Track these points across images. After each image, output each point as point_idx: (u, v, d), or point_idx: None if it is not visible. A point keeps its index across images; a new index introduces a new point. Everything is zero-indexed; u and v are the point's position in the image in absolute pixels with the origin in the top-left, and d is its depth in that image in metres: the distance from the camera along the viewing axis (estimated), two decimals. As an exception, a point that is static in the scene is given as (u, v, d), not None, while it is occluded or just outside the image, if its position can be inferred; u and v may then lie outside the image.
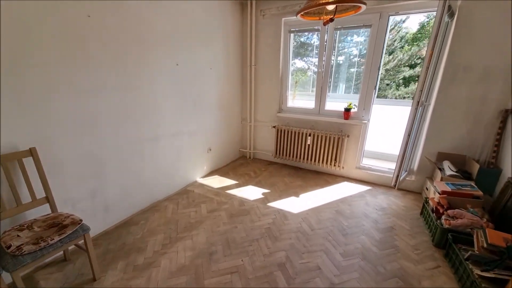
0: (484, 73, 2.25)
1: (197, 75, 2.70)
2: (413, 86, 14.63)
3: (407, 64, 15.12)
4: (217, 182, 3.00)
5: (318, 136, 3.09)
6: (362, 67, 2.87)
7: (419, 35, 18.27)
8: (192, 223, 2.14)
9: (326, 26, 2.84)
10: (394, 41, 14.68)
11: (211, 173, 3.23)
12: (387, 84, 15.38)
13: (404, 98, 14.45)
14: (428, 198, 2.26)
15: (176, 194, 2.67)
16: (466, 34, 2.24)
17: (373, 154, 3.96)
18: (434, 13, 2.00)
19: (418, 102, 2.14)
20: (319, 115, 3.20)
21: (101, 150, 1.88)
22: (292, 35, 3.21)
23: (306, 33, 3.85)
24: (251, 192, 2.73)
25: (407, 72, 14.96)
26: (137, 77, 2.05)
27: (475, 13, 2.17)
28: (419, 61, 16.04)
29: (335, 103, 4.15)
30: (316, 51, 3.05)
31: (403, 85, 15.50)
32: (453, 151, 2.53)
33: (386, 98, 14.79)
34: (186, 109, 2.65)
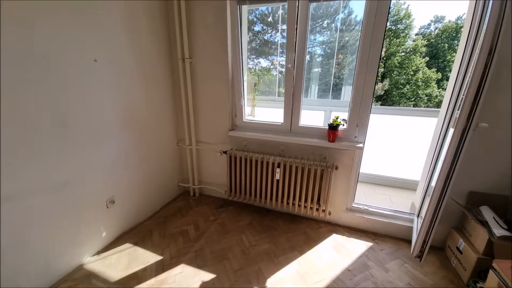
0: (544, 71, 1.41)
1: (55, 72, 1.38)
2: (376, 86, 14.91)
3: (368, 64, 15.37)
4: (124, 261, 1.71)
5: (291, 167, 2.01)
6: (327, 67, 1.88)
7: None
8: None
9: (297, -5, 1.77)
10: (357, 40, 14.77)
11: (119, 240, 1.92)
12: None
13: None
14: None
15: (21, 314, 1.32)
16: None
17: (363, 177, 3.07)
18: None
19: (470, 123, 1.18)
20: (291, 134, 2.13)
21: None
22: (244, 9, 2.07)
23: (266, 13, 2.77)
24: (181, 284, 1.52)
25: (368, 72, 15.19)
26: None
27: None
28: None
29: (308, 112, 3.16)
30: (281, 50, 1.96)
31: (365, 85, 15.73)
32: (491, 190, 1.67)
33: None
34: (35, 140, 1.32)
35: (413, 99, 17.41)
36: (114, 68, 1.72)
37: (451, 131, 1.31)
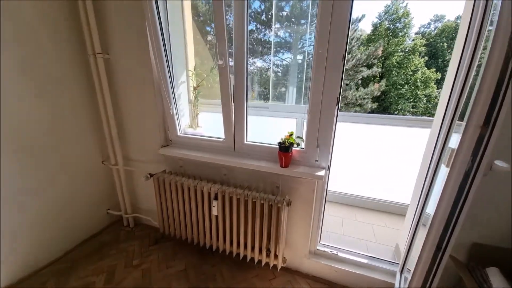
0: None
1: None
2: (371, 87, 14.42)
3: (364, 64, 14.89)
4: None
5: (231, 199, 1.49)
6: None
7: (373, 36, 18.52)
8: None
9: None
10: (352, 39, 14.31)
11: (-11, 303, 1.40)
12: (347, 84, 14.95)
13: (364, 99, 14.10)
14: None
15: None
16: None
17: (343, 198, 2.56)
18: None
19: (478, 164, 0.66)
20: (235, 154, 1.61)
21: None
22: (169, -11, 1.55)
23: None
24: None
25: (365, 72, 14.73)
26: None
27: None
28: (375, 61, 16.02)
29: (282, 120, 2.63)
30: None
31: (362, 86, 15.26)
32: (501, 242, 1.16)
33: (346, 98, 14.23)
34: None
35: (411, 100, 16.89)
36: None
37: (443, 170, 0.79)
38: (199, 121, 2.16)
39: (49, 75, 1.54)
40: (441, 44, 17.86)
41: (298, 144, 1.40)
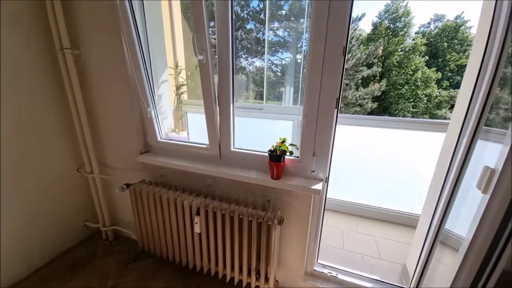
0: None
1: None
2: (372, 87, 14.23)
3: (364, 64, 14.69)
4: None
5: (215, 214, 1.30)
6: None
7: (373, 35, 18.33)
8: None
9: None
10: (352, 38, 14.12)
11: None
12: (346, 84, 14.75)
13: (364, 99, 13.89)
14: None
15: None
16: None
17: (343, 207, 2.38)
18: None
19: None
20: (221, 163, 1.42)
21: None
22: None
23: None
24: None
25: (365, 72, 14.53)
26: None
27: None
28: (375, 60, 15.82)
29: (278, 122, 2.45)
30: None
31: (362, 85, 15.07)
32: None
33: (346, 98, 14.03)
34: None
35: (412, 100, 16.70)
36: None
37: (467, 180, 0.60)
38: (189, 124, 1.98)
39: (11, 73, 1.35)
40: (441, 43, 17.69)
41: (291, 153, 1.21)
